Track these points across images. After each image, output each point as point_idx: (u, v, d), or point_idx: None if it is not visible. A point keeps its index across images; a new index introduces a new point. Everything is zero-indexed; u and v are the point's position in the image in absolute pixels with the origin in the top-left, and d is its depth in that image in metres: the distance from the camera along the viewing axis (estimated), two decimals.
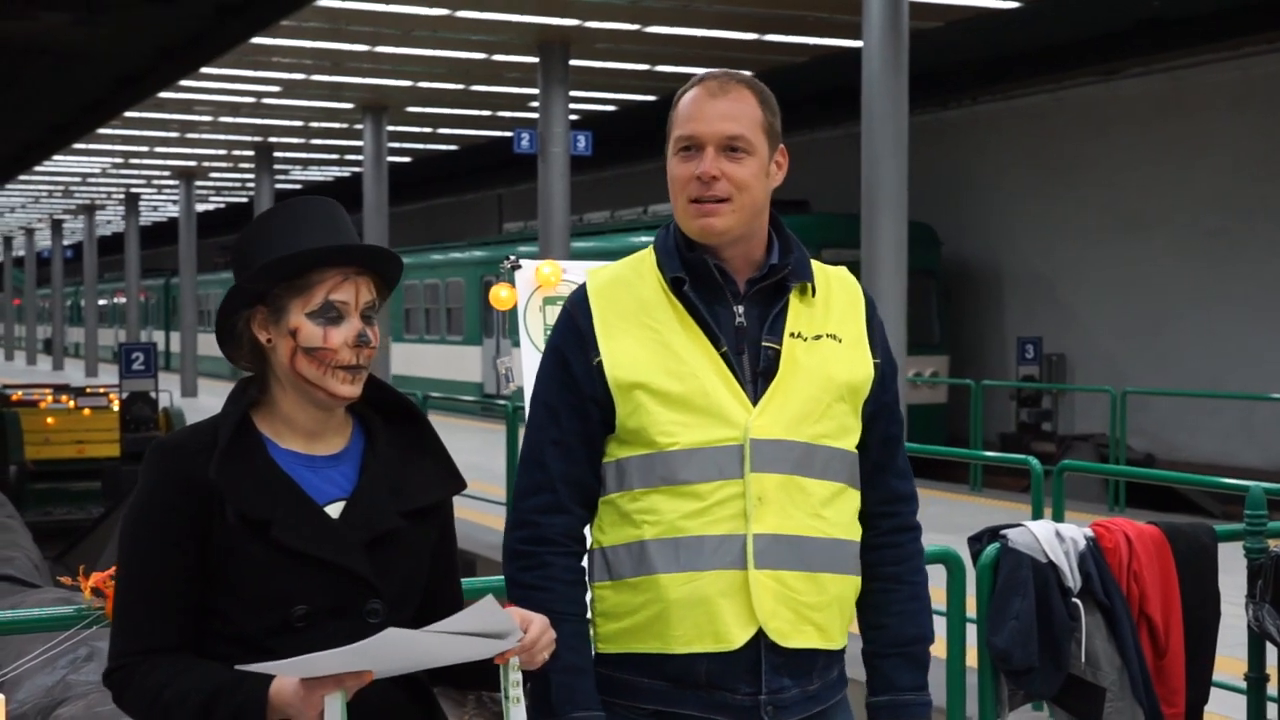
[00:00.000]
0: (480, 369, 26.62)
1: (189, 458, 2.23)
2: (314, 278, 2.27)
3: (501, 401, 16.27)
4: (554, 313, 3.90)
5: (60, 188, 41.72)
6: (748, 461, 2.42)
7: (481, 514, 12.57)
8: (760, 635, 2.41)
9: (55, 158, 32.42)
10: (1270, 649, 4.68)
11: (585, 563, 2.53)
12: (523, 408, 12.03)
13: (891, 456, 2.60)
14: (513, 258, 3.93)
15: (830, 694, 2.52)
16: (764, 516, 2.42)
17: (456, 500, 2.48)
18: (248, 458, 2.25)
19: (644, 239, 22.70)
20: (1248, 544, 4.72)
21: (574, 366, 2.50)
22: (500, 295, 3.90)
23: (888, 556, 2.57)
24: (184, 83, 21.70)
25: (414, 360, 28.89)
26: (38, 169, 35.01)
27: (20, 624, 3.52)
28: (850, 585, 2.51)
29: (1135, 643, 4.26)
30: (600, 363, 2.48)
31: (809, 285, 2.54)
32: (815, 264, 2.60)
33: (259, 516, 2.20)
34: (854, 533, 2.52)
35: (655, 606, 2.43)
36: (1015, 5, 17.17)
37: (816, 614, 2.45)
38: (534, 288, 3.90)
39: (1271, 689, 4.83)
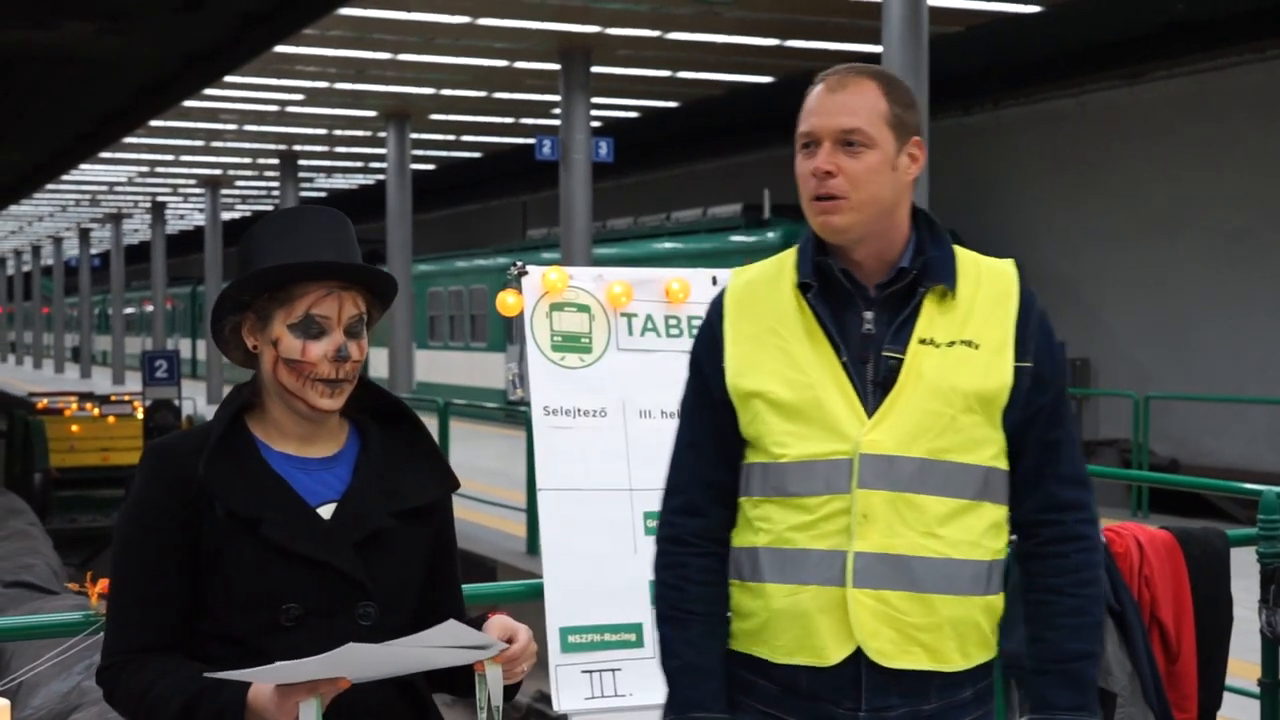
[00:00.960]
0: (504, 376, 26.62)
1: (180, 458, 2.26)
2: (297, 291, 2.29)
3: (524, 408, 16.28)
4: (561, 319, 3.91)
5: (87, 196, 41.93)
6: (855, 476, 2.36)
7: (502, 520, 12.59)
8: (860, 653, 2.37)
9: (82, 166, 32.58)
10: None
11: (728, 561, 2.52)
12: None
13: (1053, 462, 2.46)
14: (520, 264, 3.93)
15: (959, 714, 2.45)
16: (868, 534, 2.36)
17: (478, 507, 2.49)
18: (239, 458, 2.27)
19: (667, 245, 22.84)
20: (1261, 549, 4.69)
21: (706, 370, 2.51)
22: (507, 302, 3.91)
23: (1049, 567, 2.46)
24: (209, 91, 21.79)
25: (437, 367, 28.94)
26: (65, 178, 35.19)
27: (28, 630, 3.55)
28: (971, 606, 2.40)
29: (1147, 648, 4.24)
30: (724, 369, 2.47)
31: (948, 287, 2.44)
32: (970, 259, 2.50)
33: (248, 514, 2.22)
34: (981, 551, 2.41)
35: (764, 614, 2.43)
36: (1036, 9, 17.12)
37: (925, 635, 2.37)
38: (541, 294, 3.90)
39: None
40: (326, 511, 2.29)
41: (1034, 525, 2.47)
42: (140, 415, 20.79)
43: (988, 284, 2.46)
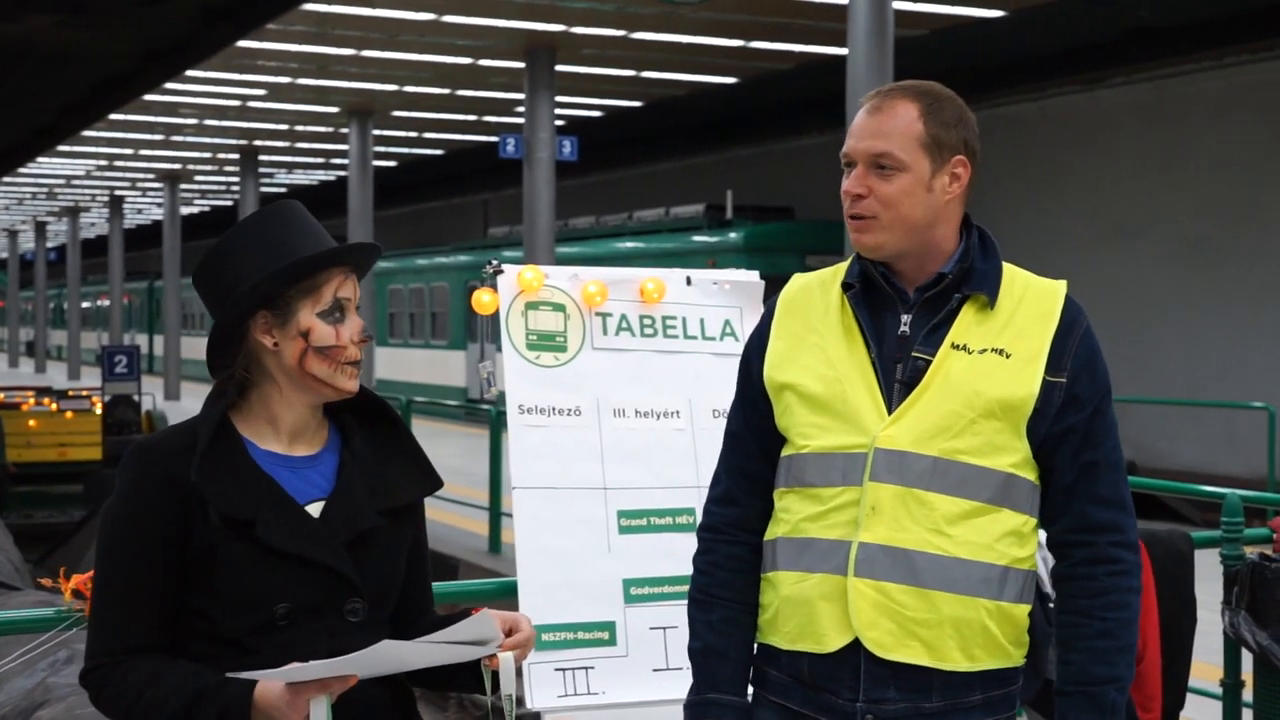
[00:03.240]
0: (464, 374, 26.59)
1: (169, 458, 2.25)
2: (321, 278, 2.32)
3: (485, 406, 16.28)
4: (536, 318, 3.91)
5: (44, 190, 41.61)
6: (868, 469, 2.40)
7: (464, 518, 12.56)
8: (858, 643, 2.40)
9: (39, 160, 32.33)
10: (1245, 655, 4.71)
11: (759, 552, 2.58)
12: (506, 412, 12.07)
13: (1088, 482, 2.45)
14: (495, 262, 3.94)
15: (965, 717, 2.43)
16: (874, 526, 2.39)
17: (440, 505, 2.51)
18: (228, 459, 2.26)
19: (629, 244, 22.85)
20: (1224, 551, 4.75)
21: (754, 365, 2.59)
22: (483, 300, 3.91)
23: (1079, 589, 2.45)
24: (169, 85, 21.68)
25: (398, 365, 28.86)
26: (21, 171, 34.91)
27: (1, 626, 3.52)
28: (977, 608, 2.39)
29: None
30: (765, 363, 2.55)
31: (988, 297, 2.46)
32: (1019, 275, 2.52)
33: (242, 516, 2.22)
34: (995, 555, 2.40)
35: (775, 601, 2.50)
36: (999, 14, 17.22)
37: (925, 630, 2.38)
38: (516, 293, 3.90)
39: (1247, 695, 4.85)
40: (314, 510, 2.29)
41: (1067, 546, 2.47)
42: (99, 411, 20.63)
43: (1032, 300, 2.48)
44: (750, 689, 2.58)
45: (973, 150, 2.52)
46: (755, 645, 2.58)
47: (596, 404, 3.90)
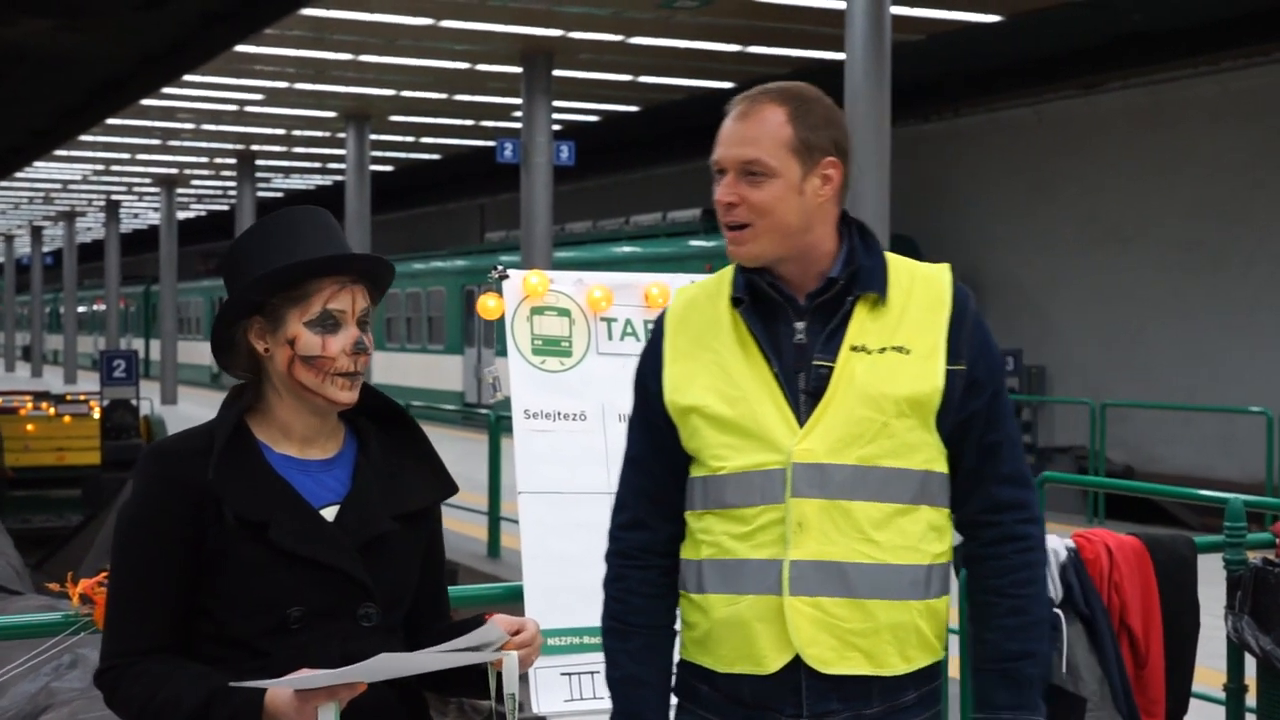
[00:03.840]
0: (461, 378, 26.59)
1: (184, 461, 2.25)
2: (311, 287, 2.30)
3: (483, 411, 16.27)
4: (542, 323, 3.92)
5: (40, 194, 41.57)
6: (789, 486, 2.37)
7: (463, 523, 12.57)
8: (799, 660, 2.38)
9: (35, 164, 32.30)
10: (1249, 660, 4.71)
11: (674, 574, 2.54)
12: (506, 417, 12.05)
13: (992, 463, 2.46)
14: (501, 267, 3.94)
15: (903, 717, 2.44)
16: (803, 542, 2.37)
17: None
18: (244, 461, 2.27)
19: (625, 249, 22.85)
20: (1227, 555, 4.75)
21: (649, 386, 2.52)
22: (488, 305, 3.92)
23: (990, 569, 2.48)
24: (166, 90, 21.66)
25: (395, 369, 28.86)
26: (17, 175, 34.88)
27: (8, 630, 3.53)
28: (910, 610, 2.41)
29: (1116, 653, 4.29)
30: (663, 386, 2.49)
31: (879, 294, 2.45)
32: (904, 266, 2.51)
33: (257, 518, 2.23)
34: (919, 556, 2.41)
35: (706, 624, 2.45)
36: (996, 19, 17.25)
37: (863, 640, 2.38)
38: (521, 298, 3.91)
39: (1250, 700, 4.86)
40: (329, 513, 2.30)
41: (976, 527, 2.49)
42: (97, 415, 20.61)
43: (921, 290, 2.47)
44: (674, 699, 2.56)
45: (844, 150, 2.48)
46: (678, 663, 2.54)
47: (602, 409, 3.91)
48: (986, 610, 2.47)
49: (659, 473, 2.50)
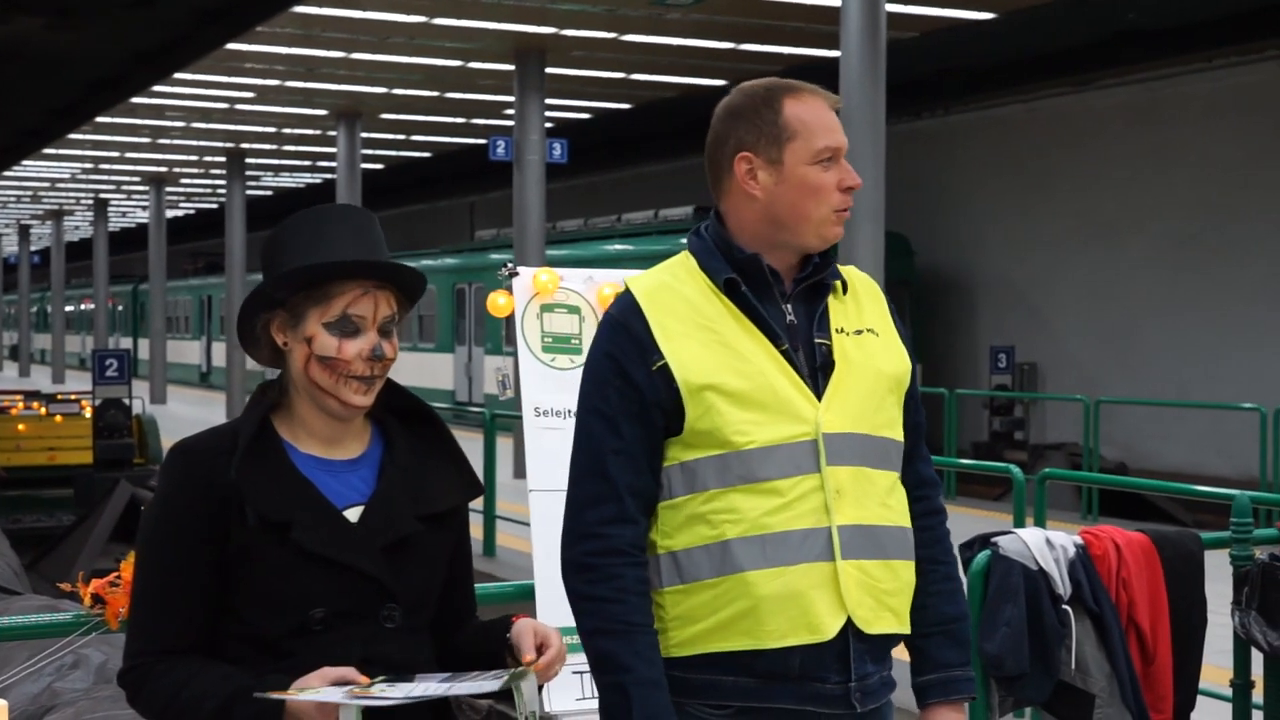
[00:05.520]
0: (452, 376, 26.57)
1: (209, 460, 2.25)
2: (334, 289, 2.29)
3: (476, 409, 16.24)
4: (551, 320, 3.91)
5: (29, 193, 41.44)
6: (823, 455, 2.45)
7: None
8: (849, 624, 2.44)
9: (23, 163, 32.20)
10: (1255, 655, 4.73)
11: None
12: (501, 416, 12.02)
13: (919, 443, 2.66)
14: (510, 265, 3.94)
15: (892, 678, 2.58)
16: (843, 508, 2.45)
17: None
18: (268, 460, 2.26)
19: (618, 247, 22.83)
20: (1234, 551, 4.76)
21: (633, 373, 2.46)
22: (498, 303, 3.91)
23: (923, 539, 2.61)
24: (156, 88, 21.60)
25: None
26: (6, 174, 34.77)
27: (19, 630, 3.51)
28: (912, 571, 2.56)
29: (1124, 649, 4.30)
30: (664, 366, 2.44)
31: (842, 283, 2.60)
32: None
33: (279, 519, 2.22)
34: (908, 519, 2.58)
35: (742, 603, 2.41)
36: (990, 16, 17.26)
37: (893, 599, 2.50)
38: (531, 295, 3.91)
39: (1256, 695, 4.87)
40: (353, 514, 2.29)
41: (910, 501, 2.61)
42: (88, 414, 20.55)
43: (860, 283, 2.65)
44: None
45: (743, 141, 2.54)
46: (677, 660, 2.46)
47: None
48: (924, 579, 2.60)
49: (644, 466, 2.47)
